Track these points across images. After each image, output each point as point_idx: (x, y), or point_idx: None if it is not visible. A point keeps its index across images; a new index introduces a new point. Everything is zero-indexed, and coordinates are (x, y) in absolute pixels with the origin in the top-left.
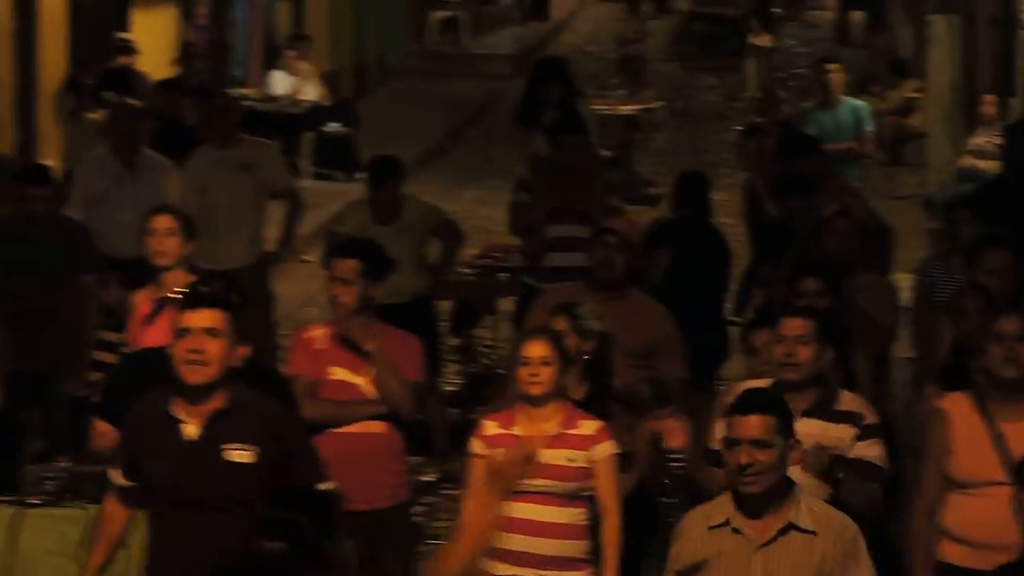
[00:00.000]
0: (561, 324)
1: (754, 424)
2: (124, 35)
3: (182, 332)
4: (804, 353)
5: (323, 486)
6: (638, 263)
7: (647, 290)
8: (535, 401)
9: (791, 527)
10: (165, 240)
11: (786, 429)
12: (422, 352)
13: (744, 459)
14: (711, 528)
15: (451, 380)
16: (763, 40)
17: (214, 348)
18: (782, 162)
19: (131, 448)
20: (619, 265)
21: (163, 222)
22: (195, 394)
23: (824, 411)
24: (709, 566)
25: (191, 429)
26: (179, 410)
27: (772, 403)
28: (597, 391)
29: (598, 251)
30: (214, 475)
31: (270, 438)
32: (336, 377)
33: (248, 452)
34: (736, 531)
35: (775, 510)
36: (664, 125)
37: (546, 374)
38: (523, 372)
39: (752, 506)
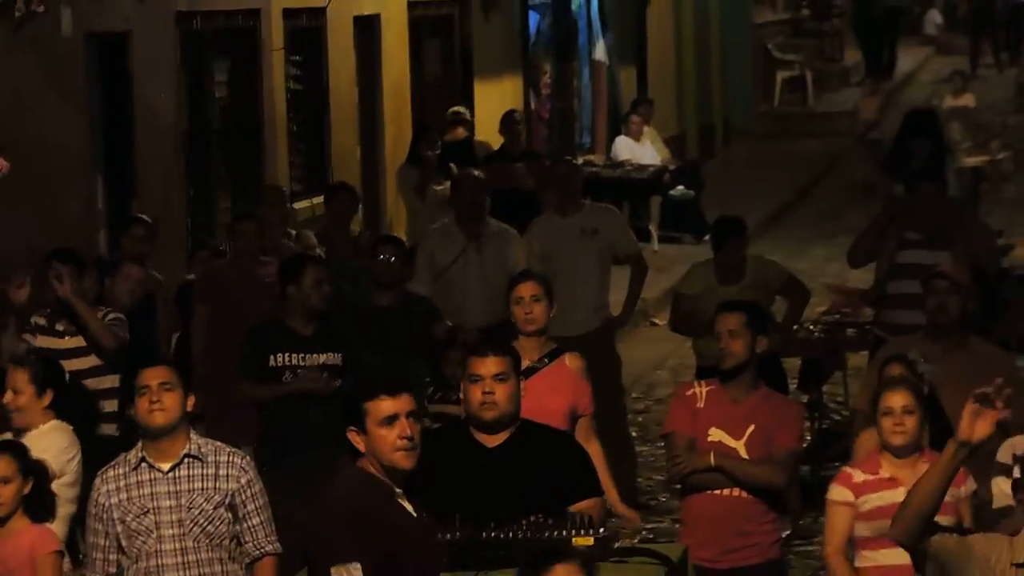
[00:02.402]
0: (897, 370)
1: None
2: (457, 107)
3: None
4: None
5: None
6: (971, 306)
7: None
8: (899, 452)
9: None
10: (533, 307)
11: None
12: (802, 419)
13: None
14: None
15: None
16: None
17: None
18: None
19: None
20: (952, 309)
21: (529, 289)
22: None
23: None
24: None
25: None
26: None
27: None
28: (939, 432)
29: (930, 298)
30: None
31: None
32: (713, 439)
33: None
34: None
35: None
36: (1012, 176)
37: (911, 423)
38: (887, 422)
39: None
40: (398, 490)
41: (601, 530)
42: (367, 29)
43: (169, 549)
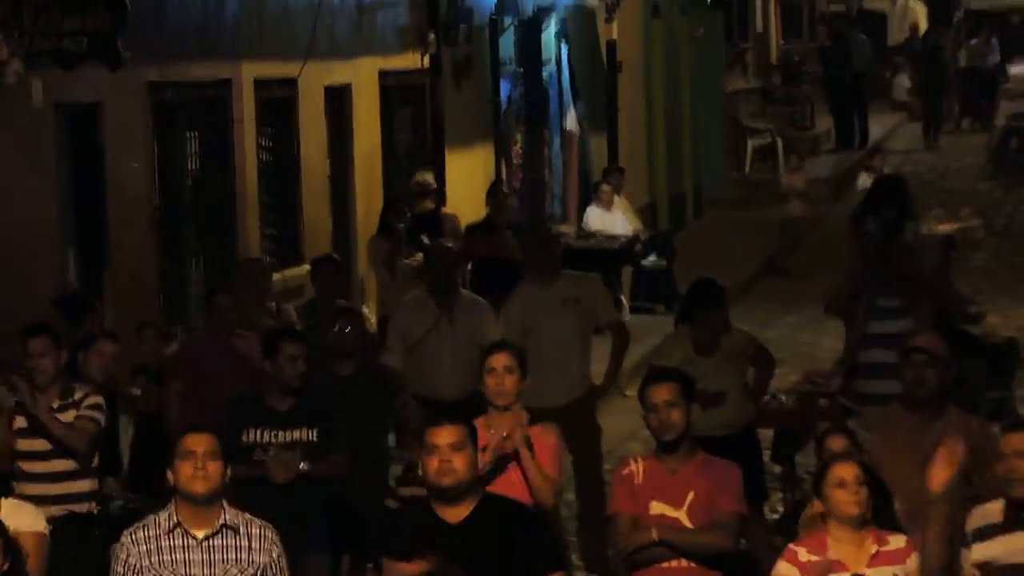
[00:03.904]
0: (839, 443)
1: None
2: (423, 179)
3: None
4: None
5: None
6: (949, 378)
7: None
8: (855, 523)
9: None
10: (505, 378)
11: None
12: (741, 482)
13: None
14: None
15: (775, 507)
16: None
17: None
18: None
19: None
20: (930, 382)
21: (502, 360)
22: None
23: None
24: None
25: None
26: None
27: None
28: (880, 504)
29: (908, 371)
30: None
31: None
32: (655, 512)
33: None
34: None
35: None
36: (983, 243)
37: (863, 495)
38: (840, 494)
39: None
40: None
41: None
42: (338, 99)
43: None
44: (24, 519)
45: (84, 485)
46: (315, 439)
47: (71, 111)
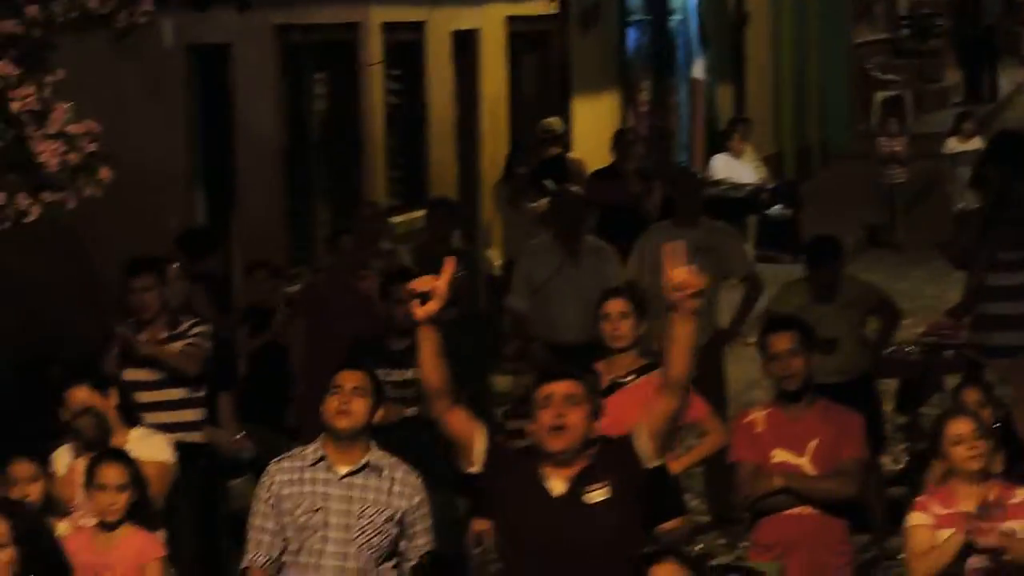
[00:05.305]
0: (973, 396)
1: None
2: (548, 124)
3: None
4: None
5: None
6: None
7: None
8: (978, 477)
9: None
10: (620, 323)
11: None
12: (864, 429)
13: None
14: None
15: (898, 458)
16: None
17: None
18: None
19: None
20: None
21: (617, 305)
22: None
23: None
24: None
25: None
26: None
27: None
28: (1013, 458)
29: None
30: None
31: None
32: (777, 459)
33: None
34: None
35: None
36: None
37: (983, 448)
38: (959, 451)
39: None
40: None
41: (698, 547)
42: (465, 44)
43: (332, 551)
44: (149, 448)
45: (193, 414)
46: None
47: (200, 52)
